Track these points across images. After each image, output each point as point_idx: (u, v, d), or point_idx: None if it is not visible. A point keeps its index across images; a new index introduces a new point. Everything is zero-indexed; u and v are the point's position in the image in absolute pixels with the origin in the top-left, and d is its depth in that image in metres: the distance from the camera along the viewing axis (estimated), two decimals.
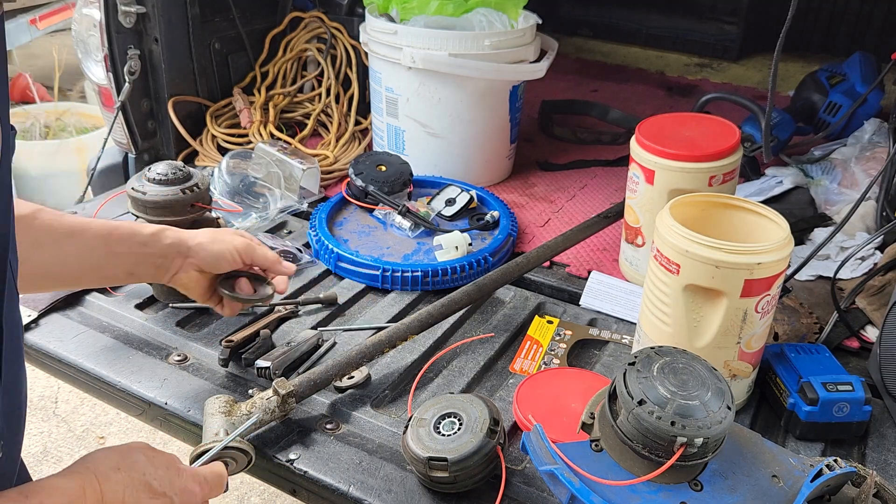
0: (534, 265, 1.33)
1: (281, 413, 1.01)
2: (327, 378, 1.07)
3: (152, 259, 1.04)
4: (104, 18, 1.66)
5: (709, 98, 1.65)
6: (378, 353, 1.13)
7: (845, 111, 1.85)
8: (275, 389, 1.01)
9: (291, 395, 1.02)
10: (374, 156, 1.65)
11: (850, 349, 1.25)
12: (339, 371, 1.08)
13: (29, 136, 3.35)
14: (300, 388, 1.04)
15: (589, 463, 0.81)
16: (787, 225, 1.03)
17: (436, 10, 1.71)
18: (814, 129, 1.93)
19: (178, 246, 1.06)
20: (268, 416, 1.00)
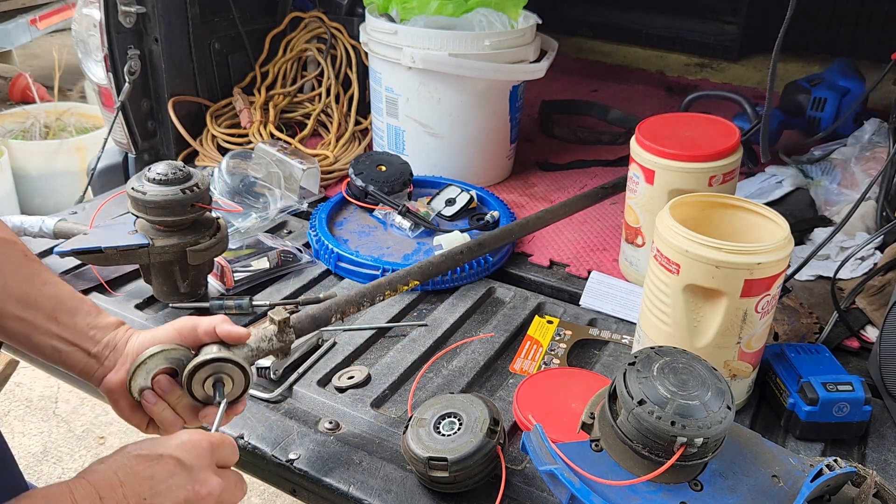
0: (533, 228, 1.37)
1: (279, 343, 0.96)
2: (326, 316, 1.04)
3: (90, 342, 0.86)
4: (104, 18, 1.66)
5: (693, 97, 1.66)
6: (379, 296, 1.11)
7: (832, 103, 1.88)
8: (270, 318, 0.97)
9: (287, 323, 0.97)
10: (374, 156, 1.65)
11: (850, 349, 1.25)
12: (339, 310, 1.06)
13: (29, 136, 3.35)
14: (299, 322, 1.01)
15: (589, 463, 0.81)
16: (786, 225, 1.03)
17: (436, 11, 1.71)
18: (806, 128, 1.94)
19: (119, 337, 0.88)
20: (265, 344, 0.94)
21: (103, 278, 1.36)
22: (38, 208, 3.17)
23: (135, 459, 0.69)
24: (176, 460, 0.71)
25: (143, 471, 0.68)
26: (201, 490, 0.71)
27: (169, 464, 0.70)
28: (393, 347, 1.23)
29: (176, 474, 0.70)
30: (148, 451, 0.70)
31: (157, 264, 1.25)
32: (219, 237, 1.28)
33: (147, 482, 0.68)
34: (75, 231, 1.39)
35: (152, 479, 0.68)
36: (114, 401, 0.87)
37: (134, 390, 0.85)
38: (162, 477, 0.69)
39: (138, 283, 1.36)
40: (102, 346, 0.87)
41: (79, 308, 0.87)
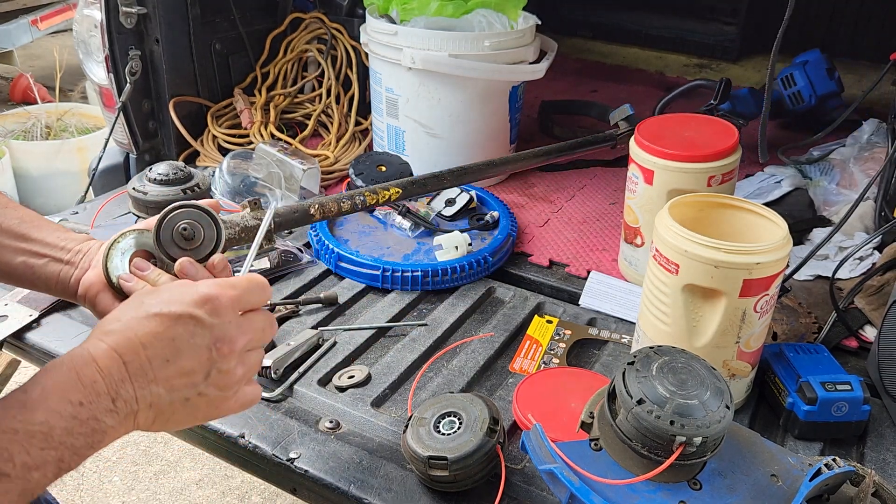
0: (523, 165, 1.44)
1: (255, 220, 0.94)
2: (305, 209, 1.03)
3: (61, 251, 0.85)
4: (105, 19, 1.67)
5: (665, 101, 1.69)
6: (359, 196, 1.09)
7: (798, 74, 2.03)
8: (242, 205, 0.96)
9: (258, 205, 0.95)
10: (375, 156, 1.65)
11: (849, 349, 1.25)
12: (320, 204, 1.05)
13: (30, 137, 3.35)
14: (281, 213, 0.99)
15: (588, 462, 0.82)
16: (785, 225, 1.03)
17: (436, 11, 1.71)
18: (792, 106, 2.03)
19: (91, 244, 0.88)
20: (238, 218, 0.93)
21: None
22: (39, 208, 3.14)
23: (154, 319, 0.66)
24: (196, 319, 0.68)
25: (164, 332, 0.66)
26: (223, 348, 0.69)
27: (189, 324, 0.67)
28: (393, 347, 1.23)
29: (197, 334, 0.68)
30: (167, 310, 0.67)
31: None
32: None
33: (168, 343, 0.66)
34: (76, 231, 1.40)
35: (174, 340, 0.66)
36: (93, 299, 0.82)
37: (112, 274, 0.81)
38: (184, 338, 0.67)
39: None
40: (74, 253, 0.84)
41: (46, 224, 0.85)
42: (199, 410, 0.69)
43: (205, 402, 0.69)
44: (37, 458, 0.56)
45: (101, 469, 2.15)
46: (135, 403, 0.63)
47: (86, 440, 0.59)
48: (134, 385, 0.63)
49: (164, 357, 0.65)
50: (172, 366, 0.66)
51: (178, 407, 0.67)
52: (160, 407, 0.65)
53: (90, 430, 0.60)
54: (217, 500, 2.07)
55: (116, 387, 0.62)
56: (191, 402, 0.67)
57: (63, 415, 0.58)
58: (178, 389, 0.66)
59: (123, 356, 0.64)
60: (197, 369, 0.67)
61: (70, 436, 0.58)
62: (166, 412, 0.66)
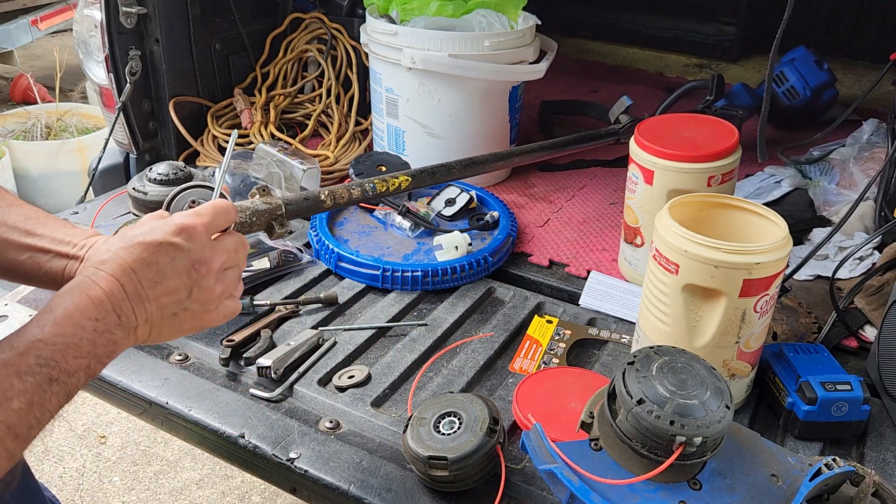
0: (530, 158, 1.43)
1: (265, 205, 0.95)
2: (317, 196, 1.04)
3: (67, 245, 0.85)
4: (105, 19, 1.67)
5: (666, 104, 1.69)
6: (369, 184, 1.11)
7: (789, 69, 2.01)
8: (251, 193, 0.98)
9: (268, 191, 0.97)
10: (375, 156, 1.65)
11: (849, 349, 1.25)
12: (331, 192, 1.05)
13: (30, 137, 3.35)
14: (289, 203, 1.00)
15: (588, 462, 0.82)
16: (785, 225, 1.03)
17: (436, 12, 1.71)
18: (788, 101, 2.02)
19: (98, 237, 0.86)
20: (249, 203, 0.95)
21: None
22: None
23: (138, 247, 0.74)
24: (173, 245, 0.76)
25: (148, 258, 0.74)
26: (201, 269, 0.78)
27: (169, 249, 0.76)
28: (393, 347, 1.23)
29: (177, 258, 0.76)
30: (149, 238, 0.75)
31: None
32: None
33: (154, 267, 0.74)
34: None
35: (157, 264, 0.75)
36: None
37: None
38: (165, 261, 0.75)
39: None
40: (80, 247, 0.86)
41: (52, 220, 0.88)
42: (186, 322, 0.79)
43: (190, 316, 0.79)
44: (73, 365, 0.66)
45: (101, 469, 2.15)
46: (134, 319, 0.72)
47: (104, 349, 0.70)
48: (132, 303, 0.72)
49: (153, 280, 0.74)
50: (160, 286, 0.75)
51: (167, 321, 0.76)
52: (153, 322, 0.75)
53: (107, 341, 0.70)
54: (217, 500, 2.07)
55: (119, 304, 0.71)
56: (178, 316, 0.77)
57: (86, 328, 0.68)
58: (167, 307, 0.76)
59: (119, 279, 0.72)
60: (180, 288, 0.76)
61: (94, 346, 0.68)
62: (158, 326, 0.76)
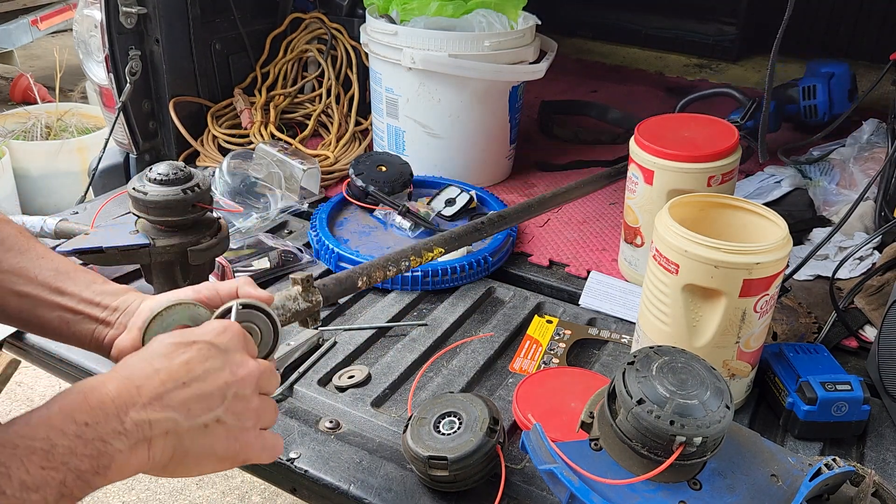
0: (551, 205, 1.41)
1: (306, 303, 0.93)
2: (352, 280, 1.03)
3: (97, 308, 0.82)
4: (105, 19, 1.67)
5: (687, 101, 1.67)
6: (405, 261, 1.10)
7: (822, 88, 1.92)
8: (293, 279, 0.94)
9: (310, 282, 0.94)
10: (375, 156, 1.65)
11: (849, 349, 1.25)
12: (365, 273, 1.04)
13: (30, 137, 3.35)
14: (325, 285, 0.99)
15: (588, 462, 0.82)
16: (785, 225, 1.03)
17: (436, 12, 1.71)
18: (804, 117, 1.97)
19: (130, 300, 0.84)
20: (291, 303, 0.90)
21: None
22: (39, 208, 3.18)
23: (169, 346, 0.67)
24: (210, 344, 0.69)
25: (178, 356, 0.67)
26: (239, 371, 0.69)
27: (204, 348, 0.68)
28: (393, 347, 1.23)
29: (211, 358, 0.68)
30: (181, 339, 0.69)
31: (159, 264, 1.26)
32: (220, 237, 1.29)
33: (184, 367, 0.66)
34: (77, 231, 1.40)
35: (188, 363, 0.66)
36: None
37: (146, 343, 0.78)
38: (198, 361, 0.67)
39: (140, 282, 1.36)
40: (112, 310, 0.82)
41: (82, 277, 0.83)
42: (219, 440, 0.67)
43: (224, 431, 0.67)
44: (36, 478, 0.54)
45: None
46: (148, 429, 0.62)
47: (91, 463, 0.57)
48: (148, 409, 0.62)
49: (180, 380, 0.65)
50: (188, 389, 0.65)
51: (196, 435, 0.65)
52: (178, 434, 0.64)
53: (96, 453, 0.57)
54: (217, 500, 2.07)
55: (127, 409, 0.61)
56: (209, 429, 0.66)
57: (67, 433, 0.56)
58: (196, 415, 0.65)
59: (136, 381, 0.63)
60: (214, 393, 0.67)
61: (73, 456, 0.56)
62: (185, 441, 0.64)
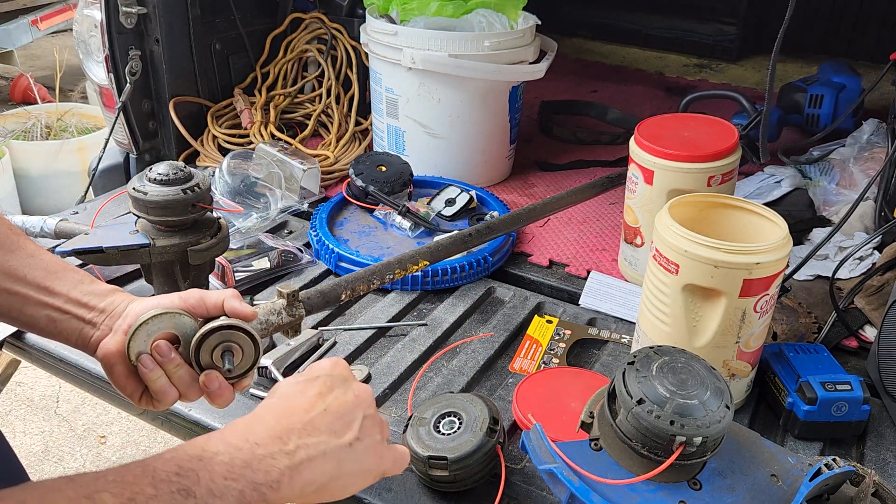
0: (540, 215, 1.40)
1: (289, 317, 0.94)
2: (336, 292, 1.04)
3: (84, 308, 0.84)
4: (105, 19, 1.67)
5: (691, 98, 1.67)
6: (389, 274, 1.11)
7: (829, 100, 1.89)
8: (278, 292, 0.96)
9: (296, 297, 0.96)
10: (375, 156, 1.65)
11: (849, 349, 1.25)
12: (349, 286, 1.05)
13: (30, 137, 3.35)
14: (309, 297, 1.00)
15: (588, 462, 0.82)
16: (785, 225, 1.03)
17: (436, 12, 1.71)
18: (805, 124, 1.95)
19: (117, 302, 0.85)
20: (275, 317, 0.93)
21: (104, 278, 1.36)
22: (39, 208, 3.18)
23: (299, 384, 0.74)
24: (330, 377, 0.76)
25: (310, 390, 0.73)
26: (360, 394, 0.76)
27: (327, 380, 0.75)
28: (393, 347, 1.23)
29: (336, 387, 0.75)
30: (306, 377, 0.75)
31: (159, 264, 1.26)
32: (220, 237, 1.29)
33: (318, 397, 0.73)
34: (76, 231, 1.40)
35: (321, 394, 0.73)
36: (108, 367, 0.82)
37: (132, 352, 0.80)
38: (327, 390, 0.74)
39: (139, 282, 1.36)
40: (98, 311, 0.84)
41: (71, 276, 0.85)
42: (365, 456, 0.73)
43: (364, 448, 0.73)
44: (220, 486, 0.60)
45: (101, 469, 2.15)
46: (306, 450, 0.67)
47: (265, 477, 0.63)
48: (303, 434, 0.68)
49: (320, 408, 0.72)
50: (328, 414, 0.72)
51: (346, 453, 0.71)
52: (331, 454, 0.69)
53: (268, 468, 0.64)
54: None
55: (288, 434, 0.67)
56: (353, 447, 0.72)
57: (243, 449, 0.63)
58: (341, 435, 0.71)
59: (287, 413, 0.70)
60: (347, 414, 0.73)
61: (249, 469, 0.62)
62: (339, 460, 0.70)
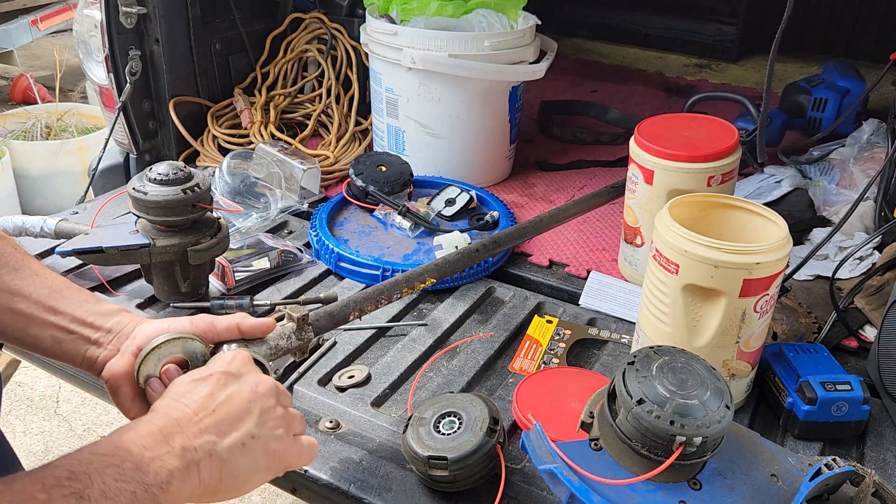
0: (546, 227, 1.40)
1: (298, 341, 0.95)
2: (345, 314, 1.04)
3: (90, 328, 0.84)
4: (105, 19, 1.67)
5: (697, 99, 1.67)
6: (396, 293, 1.12)
7: (833, 104, 1.89)
8: (288, 315, 0.96)
9: (306, 321, 0.96)
10: (375, 156, 1.65)
11: (849, 349, 1.25)
12: (357, 307, 1.06)
13: (30, 137, 3.35)
14: (318, 319, 1.00)
15: (588, 462, 0.82)
16: (785, 225, 1.03)
17: (436, 11, 1.71)
18: (807, 128, 1.94)
19: (124, 323, 0.86)
20: (284, 342, 0.93)
21: (104, 278, 1.36)
22: (39, 208, 3.18)
23: (190, 384, 0.74)
24: (224, 373, 0.75)
25: (200, 390, 0.73)
26: (258, 388, 0.76)
27: (221, 377, 0.75)
28: (393, 347, 1.23)
29: (230, 383, 0.74)
30: (198, 375, 0.75)
31: (159, 264, 1.26)
32: (220, 237, 1.29)
33: (208, 397, 0.72)
34: (76, 231, 1.40)
35: (211, 393, 0.73)
36: (114, 388, 0.82)
37: (141, 375, 0.81)
38: (218, 388, 0.74)
39: (139, 282, 1.36)
40: (105, 331, 0.84)
41: (76, 295, 0.85)
42: (259, 454, 0.73)
43: (261, 444, 0.73)
44: (112, 488, 0.60)
45: None
46: (193, 453, 0.68)
47: (154, 478, 0.64)
48: (188, 436, 0.68)
49: (209, 408, 0.71)
50: (216, 414, 0.71)
51: (236, 454, 0.71)
52: (219, 455, 0.69)
53: (157, 469, 0.64)
54: None
55: (173, 436, 0.67)
56: (247, 446, 0.72)
57: (132, 452, 0.64)
58: (230, 435, 0.71)
59: (173, 415, 0.70)
60: (241, 412, 0.73)
61: (139, 471, 0.63)
62: (228, 460, 0.70)
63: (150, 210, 1.22)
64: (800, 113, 1.95)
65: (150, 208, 1.22)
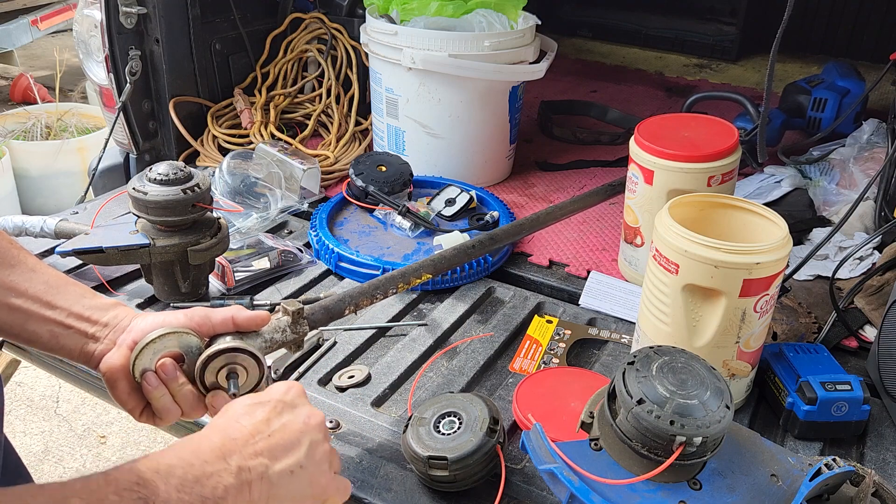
0: (542, 224, 1.40)
1: (293, 334, 0.95)
2: (340, 308, 1.04)
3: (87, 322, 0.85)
4: (105, 19, 1.67)
5: (696, 98, 1.66)
6: (392, 288, 1.12)
7: (832, 104, 1.88)
8: (284, 309, 0.96)
9: (301, 314, 0.96)
10: (375, 156, 1.65)
11: (849, 349, 1.25)
12: (352, 301, 1.06)
13: (30, 137, 3.35)
14: (313, 313, 1.00)
15: (588, 462, 0.82)
16: (785, 225, 1.03)
17: (436, 12, 1.71)
18: (807, 128, 1.94)
19: (120, 317, 0.86)
20: (279, 335, 0.93)
21: (104, 278, 1.36)
22: (39, 208, 3.18)
23: (248, 407, 0.75)
24: (281, 402, 0.77)
25: (258, 414, 0.74)
26: (310, 421, 0.77)
27: (277, 405, 0.76)
28: (393, 347, 1.23)
29: (285, 412, 0.76)
30: (256, 400, 0.76)
31: (159, 264, 1.26)
32: (220, 237, 1.29)
33: (265, 422, 0.74)
34: (77, 231, 1.40)
35: (268, 419, 0.74)
36: (111, 382, 0.83)
37: (136, 369, 0.82)
38: (275, 415, 0.75)
39: (139, 282, 1.36)
40: (101, 325, 0.85)
41: (72, 290, 0.85)
42: (304, 484, 0.74)
43: (307, 476, 0.74)
44: (174, 499, 0.62)
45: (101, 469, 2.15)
46: (248, 473, 0.69)
47: (212, 492, 0.65)
48: (244, 456, 0.70)
49: (265, 432, 0.73)
50: (272, 439, 0.73)
51: (285, 480, 0.72)
52: (270, 479, 0.71)
53: (215, 484, 0.66)
54: None
55: (231, 454, 0.69)
56: (295, 474, 0.73)
57: (194, 466, 0.66)
58: (282, 461, 0.72)
59: (231, 433, 0.71)
60: (294, 441, 0.74)
61: (199, 485, 0.65)
62: (276, 486, 0.71)
63: (150, 210, 1.22)
64: (799, 113, 1.95)
65: (150, 208, 1.22)
